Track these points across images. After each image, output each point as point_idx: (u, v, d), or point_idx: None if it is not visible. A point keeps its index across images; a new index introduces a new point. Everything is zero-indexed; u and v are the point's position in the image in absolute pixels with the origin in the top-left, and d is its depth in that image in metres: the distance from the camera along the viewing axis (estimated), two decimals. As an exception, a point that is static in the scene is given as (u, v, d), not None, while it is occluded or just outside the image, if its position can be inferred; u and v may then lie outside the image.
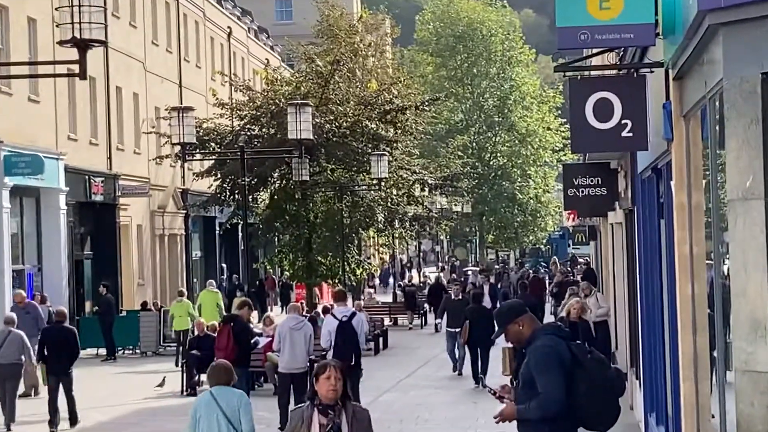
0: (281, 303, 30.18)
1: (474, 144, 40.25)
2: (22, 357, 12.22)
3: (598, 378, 5.12)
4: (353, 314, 11.54)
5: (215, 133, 22.83)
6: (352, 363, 11.16)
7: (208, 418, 6.63)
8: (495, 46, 41.39)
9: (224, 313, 20.11)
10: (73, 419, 12.39)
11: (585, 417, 5.16)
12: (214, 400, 6.66)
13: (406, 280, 31.90)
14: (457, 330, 15.94)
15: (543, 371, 5.07)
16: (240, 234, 29.88)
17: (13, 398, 12.20)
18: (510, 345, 5.80)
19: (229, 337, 10.91)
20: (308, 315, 18.68)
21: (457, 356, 16.44)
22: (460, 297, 17.11)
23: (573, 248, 44.33)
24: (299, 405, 5.22)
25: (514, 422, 5.27)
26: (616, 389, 5.23)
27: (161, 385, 15.70)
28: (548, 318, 21.72)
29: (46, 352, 12.21)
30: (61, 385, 12.12)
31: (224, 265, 33.16)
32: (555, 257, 38.73)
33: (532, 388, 5.11)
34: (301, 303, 21.65)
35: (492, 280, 30.74)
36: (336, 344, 11.11)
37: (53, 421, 12.09)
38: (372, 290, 30.76)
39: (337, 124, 22.14)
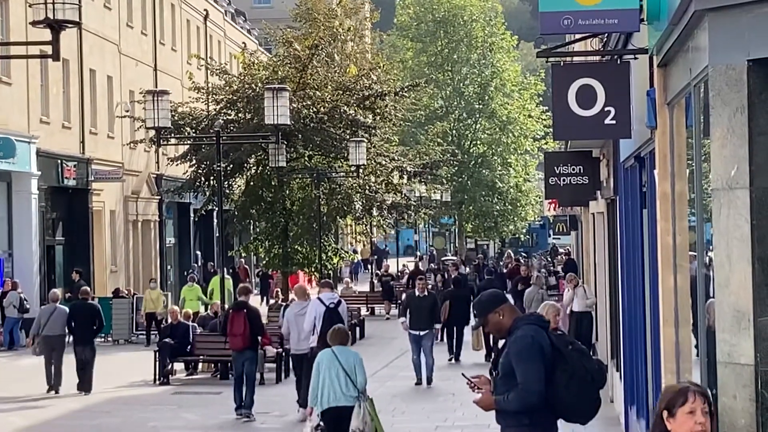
0: (260, 293, 29.91)
1: (454, 131, 40.09)
2: (66, 329, 14.12)
3: (579, 369, 5.05)
4: (339, 301, 11.55)
5: (191, 117, 22.55)
6: None
7: (329, 370, 8.02)
8: (476, 32, 41.19)
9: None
10: (88, 387, 14.05)
11: (565, 408, 5.09)
12: (335, 357, 8.04)
13: (383, 270, 31.77)
14: (422, 333, 14.12)
15: (523, 362, 4.99)
16: (215, 221, 29.64)
17: (59, 366, 14.01)
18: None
19: (245, 323, 11.71)
20: (284, 304, 18.54)
21: (419, 363, 14.20)
22: (426, 294, 14.60)
23: (554, 238, 44.44)
24: None
25: (492, 412, 5.17)
26: (596, 381, 5.16)
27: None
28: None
29: (73, 326, 14.05)
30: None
31: (199, 253, 32.84)
32: (509, 250, 38.69)
33: (511, 379, 5.03)
34: (277, 291, 21.55)
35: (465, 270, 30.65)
36: (322, 331, 11.02)
37: (81, 386, 13.99)
38: (348, 279, 30.58)
39: (314, 109, 21.92)
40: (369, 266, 37.42)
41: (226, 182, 22.01)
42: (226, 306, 15.88)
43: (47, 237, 22.85)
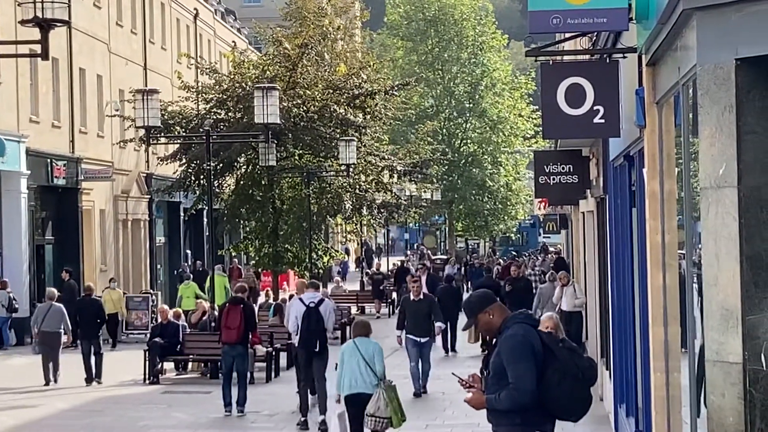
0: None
1: (444, 130, 40.11)
2: (62, 326, 14.70)
3: (570, 367, 5.05)
4: (321, 300, 11.41)
5: (180, 116, 22.48)
6: (316, 350, 11.11)
7: (351, 359, 8.80)
8: (467, 31, 41.21)
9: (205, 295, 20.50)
10: (98, 375, 14.90)
11: (557, 406, 5.09)
12: (356, 347, 8.88)
13: (374, 268, 31.75)
14: (423, 340, 13.28)
15: (514, 360, 5.00)
16: (205, 220, 29.57)
17: (56, 360, 14.73)
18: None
19: (241, 318, 11.91)
20: (275, 302, 18.53)
21: (418, 373, 13.35)
22: (422, 297, 13.56)
23: (544, 237, 44.52)
24: None
25: (483, 411, 5.18)
26: (588, 379, 5.16)
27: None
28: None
29: (78, 320, 14.84)
30: (92, 347, 14.84)
31: (189, 252, 32.76)
32: (490, 250, 38.72)
33: (503, 378, 5.04)
34: (267, 290, 21.55)
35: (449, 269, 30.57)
36: (302, 330, 11.04)
37: (89, 378, 14.75)
38: (338, 279, 30.57)
39: (304, 108, 21.89)
40: (362, 264, 37.42)
41: (216, 181, 21.95)
42: (216, 305, 15.87)
43: (37, 236, 22.74)
